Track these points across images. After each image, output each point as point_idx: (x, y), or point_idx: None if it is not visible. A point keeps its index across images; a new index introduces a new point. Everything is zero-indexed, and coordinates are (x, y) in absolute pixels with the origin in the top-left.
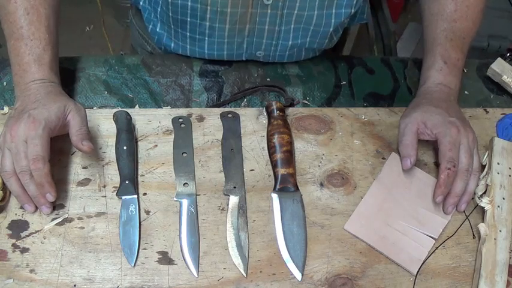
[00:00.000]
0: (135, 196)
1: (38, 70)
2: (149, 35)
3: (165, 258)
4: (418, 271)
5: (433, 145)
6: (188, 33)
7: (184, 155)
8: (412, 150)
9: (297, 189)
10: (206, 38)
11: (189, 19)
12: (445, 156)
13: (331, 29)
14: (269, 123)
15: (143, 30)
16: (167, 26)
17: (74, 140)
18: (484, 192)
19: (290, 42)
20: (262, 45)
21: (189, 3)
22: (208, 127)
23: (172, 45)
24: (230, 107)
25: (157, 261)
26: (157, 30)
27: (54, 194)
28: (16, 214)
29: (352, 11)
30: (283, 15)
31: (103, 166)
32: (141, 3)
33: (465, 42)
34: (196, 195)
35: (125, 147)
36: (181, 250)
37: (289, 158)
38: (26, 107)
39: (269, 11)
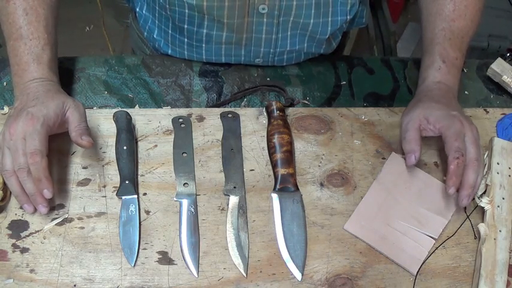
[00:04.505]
0: (135, 196)
1: (36, 69)
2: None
3: (165, 258)
4: (418, 271)
5: (436, 145)
6: (186, 39)
7: (184, 155)
8: (416, 145)
9: (297, 189)
10: (203, 45)
11: (186, 26)
12: (452, 146)
13: (328, 36)
14: (269, 123)
15: (142, 34)
16: (164, 32)
17: (73, 135)
18: (484, 192)
19: (288, 49)
20: (260, 53)
21: (187, 11)
22: (208, 127)
23: (170, 51)
24: (230, 107)
25: (157, 261)
26: (154, 36)
27: (51, 190)
28: (16, 214)
29: (348, 17)
30: (279, 23)
31: (103, 166)
32: (137, 9)
33: (464, 42)
34: (196, 195)
35: (125, 147)
36: (181, 250)
37: (289, 158)
38: (25, 105)
39: (265, 19)
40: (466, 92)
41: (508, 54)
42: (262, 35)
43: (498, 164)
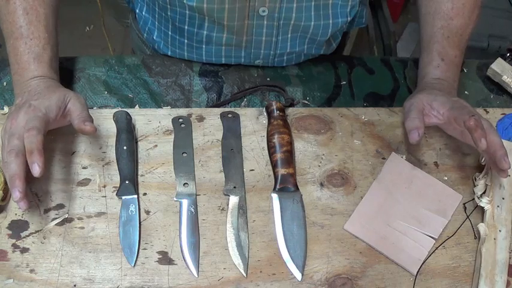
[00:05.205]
0: (135, 196)
1: (37, 68)
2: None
3: (165, 258)
4: (418, 271)
5: (435, 145)
6: (186, 41)
7: (184, 155)
8: (420, 122)
9: (297, 189)
10: (203, 46)
11: (186, 27)
12: (463, 112)
13: (329, 37)
14: (269, 123)
15: (142, 35)
16: (164, 33)
17: (76, 123)
18: (484, 192)
19: (288, 51)
20: (260, 55)
21: (187, 12)
22: (208, 127)
23: (169, 52)
24: (230, 107)
25: (157, 261)
26: (154, 37)
27: (42, 165)
28: (16, 214)
29: (349, 19)
30: (279, 25)
31: (103, 166)
32: (137, 10)
33: (462, 39)
34: (196, 195)
35: (125, 147)
36: (181, 250)
37: (289, 158)
38: (26, 100)
39: (265, 22)
40: (466, 92)
41: (508, 54)
42: (262, 38)
43: None
